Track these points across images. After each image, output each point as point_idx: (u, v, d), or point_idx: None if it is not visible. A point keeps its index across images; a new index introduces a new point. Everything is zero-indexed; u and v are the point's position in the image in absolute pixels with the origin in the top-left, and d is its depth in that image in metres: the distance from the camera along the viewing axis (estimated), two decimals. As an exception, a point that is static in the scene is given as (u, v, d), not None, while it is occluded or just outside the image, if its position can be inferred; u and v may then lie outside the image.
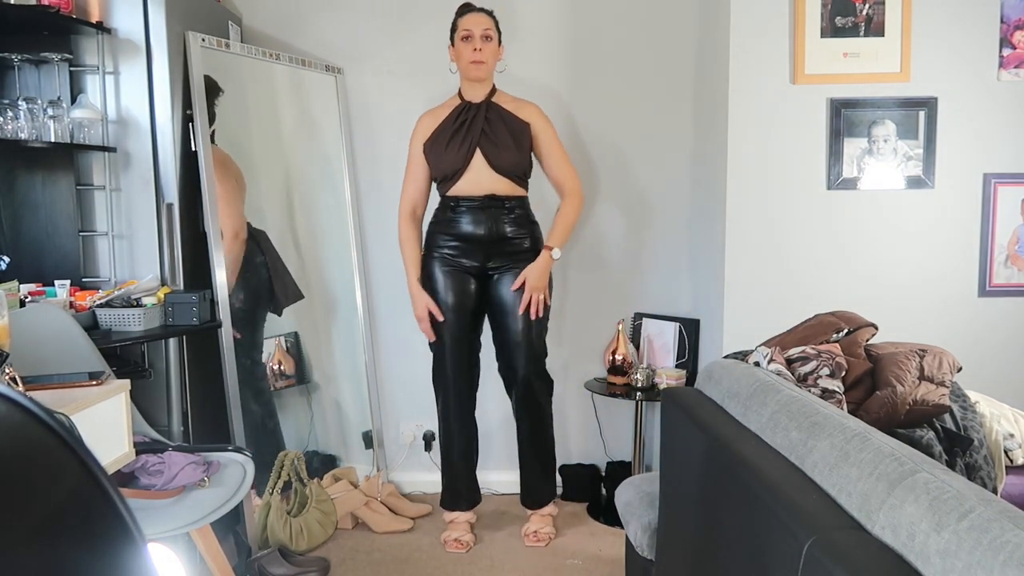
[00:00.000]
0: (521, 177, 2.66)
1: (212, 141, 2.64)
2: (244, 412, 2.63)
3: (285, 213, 2.93)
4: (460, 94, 2.69)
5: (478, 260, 2.66)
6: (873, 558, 0.89)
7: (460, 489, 2.81)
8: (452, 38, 2.66)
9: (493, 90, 2.68)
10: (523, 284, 2.62)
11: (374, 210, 3.17)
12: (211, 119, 2.64)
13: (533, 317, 2.63)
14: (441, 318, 2.66)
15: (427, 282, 2.69)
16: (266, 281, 2.81)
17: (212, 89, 2.64)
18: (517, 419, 2.77)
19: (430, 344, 2.75)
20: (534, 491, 2.80)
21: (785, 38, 2.56)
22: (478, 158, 2.61)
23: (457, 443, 2.77)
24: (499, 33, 2.65)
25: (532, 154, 2.70)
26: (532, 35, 3.09)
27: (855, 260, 2.64)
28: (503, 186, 2.62)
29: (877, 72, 2.56)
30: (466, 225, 2.63)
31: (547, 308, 2.70)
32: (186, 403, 2.48)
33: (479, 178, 2.61)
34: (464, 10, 2.64)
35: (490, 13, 2.65)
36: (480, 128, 2.61)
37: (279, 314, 2.91)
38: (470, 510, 2.84)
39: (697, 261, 3.06)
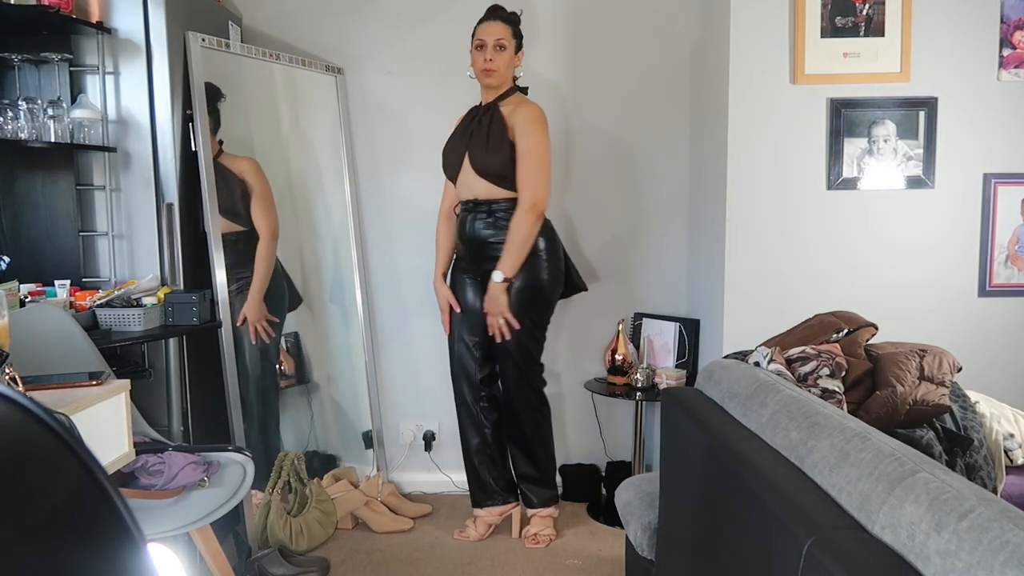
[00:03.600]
0: (503, 178, 2.57)
1: (222, 150, 2.67)
2: (245, 412, 2.64)
3: (285, 213, 2.92)
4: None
5: (471, 263, 2.69)
6: (873, 558, 0.89)
7: (477, 482, 2.79)
8: (472, 43, 2.63)
9: (505, 95, 2.62)
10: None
11: (374, 210, 3.17)
12: (216, 125, 2.64)
13: (499, 340, 2.62)
14: (459, 309, 2.72)
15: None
16: (283, 285, 2.87)
17: (214, 94, 2.64)
18: (504, 425, 2.77)
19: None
20: (528, 496, 2.80)
21: (785, 38, 2.56)
22: (467, 161, 2.63)
23: (468, 437, 2.79)
24: (518, 39, 2.62)
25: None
26: (532, 35, 3.09)
27: (855, 260, 2.64)
28: (483, 189, 2.60)
29: (877, 72, 2.55)
30: (459, 228, 2.70)
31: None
32: (186, 403, 2.48)
33: (466, 181, 2.64)
34: (483, 18, 2.62)
35: (510, 20, 2.61)
36: (472, 131, 2.62)
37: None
38: (485, 506, 2.78)
39: (697, 261, 3.06)
